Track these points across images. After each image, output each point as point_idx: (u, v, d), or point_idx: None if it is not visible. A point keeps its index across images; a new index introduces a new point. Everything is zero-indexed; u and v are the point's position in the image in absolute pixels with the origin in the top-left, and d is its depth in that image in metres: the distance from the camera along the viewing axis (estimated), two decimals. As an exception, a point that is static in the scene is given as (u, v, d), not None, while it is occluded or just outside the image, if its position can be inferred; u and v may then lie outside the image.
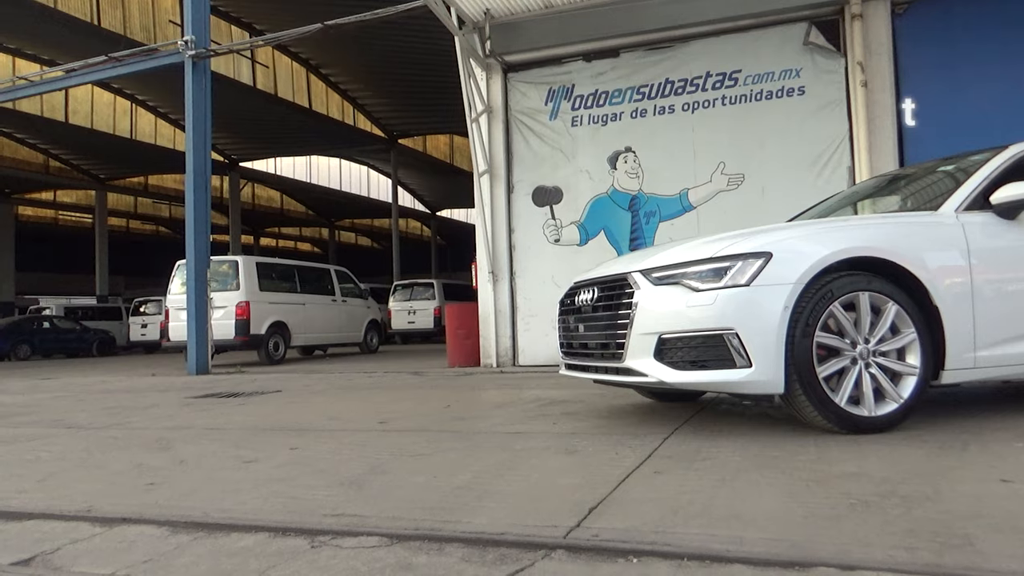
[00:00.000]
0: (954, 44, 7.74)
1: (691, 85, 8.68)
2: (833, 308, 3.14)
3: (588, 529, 2.00)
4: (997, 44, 7.57)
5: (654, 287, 3.40)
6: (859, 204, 4.89)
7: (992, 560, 1.65)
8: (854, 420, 3.15)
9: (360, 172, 34.58)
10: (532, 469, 2.87)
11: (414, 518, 2.20)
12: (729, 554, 1.76)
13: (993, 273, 3.39)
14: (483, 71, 9.34)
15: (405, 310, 19.48)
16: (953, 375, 3.30)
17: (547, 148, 9.24)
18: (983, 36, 7.63)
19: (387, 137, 28.29)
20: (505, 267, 9.25)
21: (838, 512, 2.05)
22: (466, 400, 5.65)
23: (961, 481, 2.36)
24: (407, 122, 27.59)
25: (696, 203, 8.60)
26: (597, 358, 3.77)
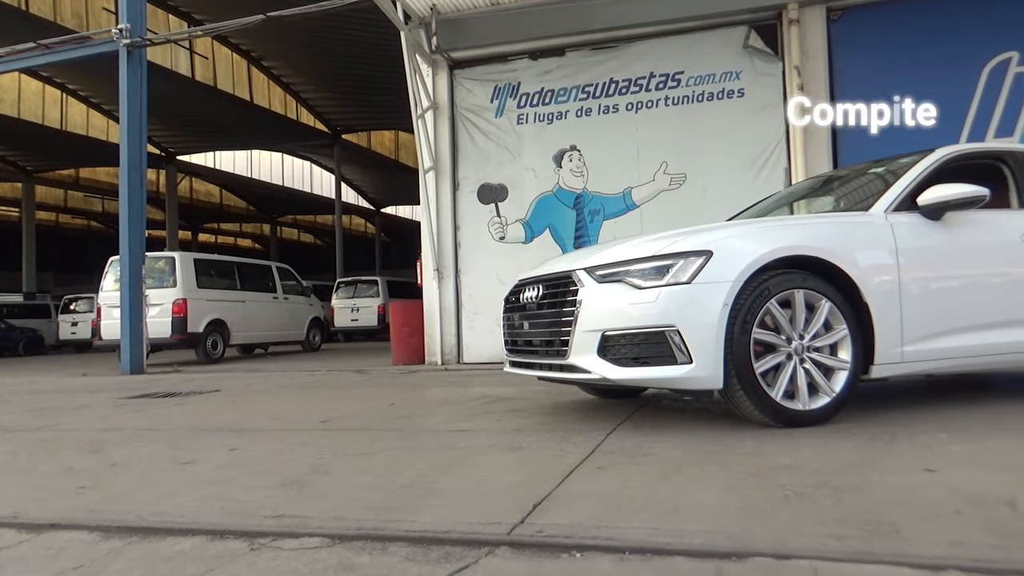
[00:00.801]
0: (886, 51, 8.03)
1: (635, 85, 8.79)
2: (770, 305, 3.23)
3: (532, 525, 2.01)
4: (926, 52, 7.88)
5: (598, 285, 3.43)
6: (795, 204, 5.03)
7: (917, 546, 1.72)
8: (789, 414, 3.25)
9: (303, 167, 33.96)
10: (477, 467, 2.87)
11: (357, 518, 2.17)
12: (670, 547, 1.79)
13: (919, 272, 3.54)
14: (429, 67, 9.28)
15: (348, 308, 19.23)
16: (882, 369, 3.43)
17: (493, 145, 9.24)
18: (914, 44, 7.93)
19: (331, 132, 27.85)
20: (450, 264, 9.22)
21: (773, 504, 2.11)
22: (410, 398, 5.62)
23: (889, 471, 2.46)
24: (351, 117, 27.21)
25: (639, 202, 8.72)
26: (542, 355, 3.79)
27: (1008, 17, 7.66)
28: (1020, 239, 3.83)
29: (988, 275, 3.81)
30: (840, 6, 8.13)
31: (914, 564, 1.61)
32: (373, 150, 30.72)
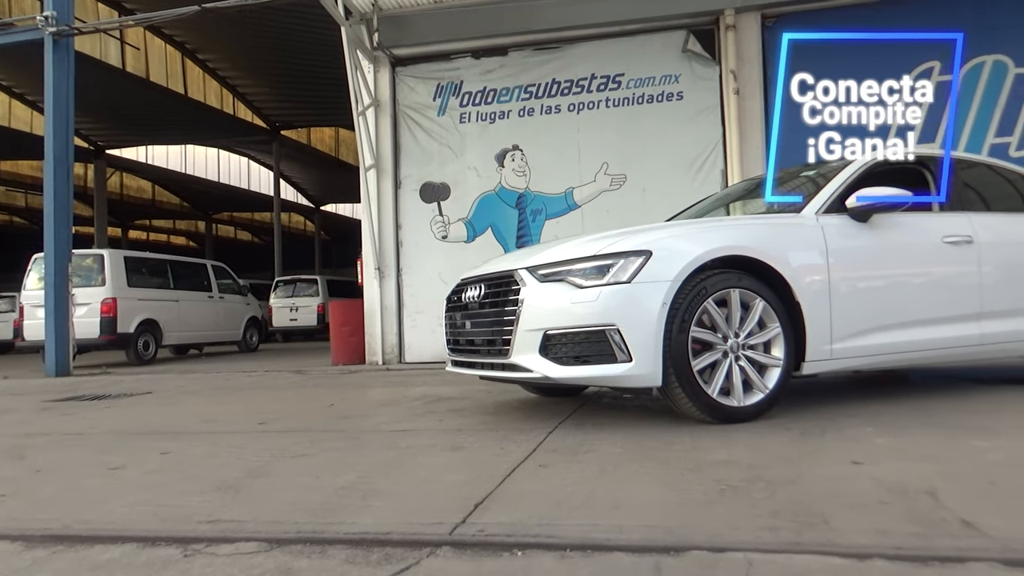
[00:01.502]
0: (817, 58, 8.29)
1: (577, 86, 8.87)
2: (707, 304, 3.30)
3: (474, 525, 2.01)
4: (855, 61, 8.16)
5: (540, 284, 3.45)
6: (731, 205, 5.16)
7: (845, 536, 1.78)
8: (725, 410, 3.32)
9: (240, 163, 33.10)
10: (418, 467, 2.85)
11: (296, 521, 2.13)
12: (610, 542, 1.81)
13: (847, 271, 3.67)
14: (371, 64, 9.17)
15: (287, 307, 18.86)
16: (812, 366, 3.55)
17: (435, 144, 9.19)
18: (843, 52, 8.21)
19: (269, 128, 27.21)
20: (392, 263, 9.14)
21: (710, 498, 2.16)
22: (351, 398, 5.55)
23: (819, 464, 2.54)
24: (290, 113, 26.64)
25: (581, 202, 8.80)
26: (484, 354, 3.79)
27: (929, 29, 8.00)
28: (940, 241, 4.02)
29: (911, 275, 3.97)
30: (774, 13, 8.37)
31: (842, 553, 1.67)
32: (313, 147, 30.14)
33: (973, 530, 1.78)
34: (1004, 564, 1.57)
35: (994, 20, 7.89)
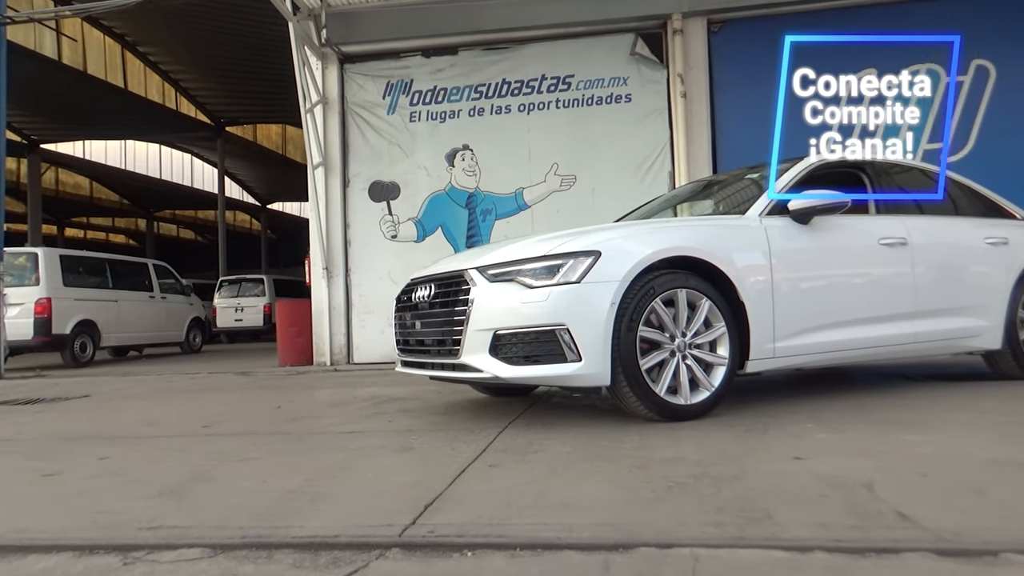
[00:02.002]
0: (761, 63, 8.47)
1: (527, 87, 8.91)
2: (655, 304, 3.35)
3: (424, 526, 2.00)
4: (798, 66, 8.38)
5: (490, 284, 3.45)
6: (678, 207, 5.24)
7: (788, 530, 1.83)
8: (672, 409, 3.38)
9: (183, 160, 32.20)
10: (367, 468, 2.82)
11: (241, 526, 2.09)
12: (559, 541, 1.83)
13: (789, 272, 3.77)
14: (319, 60, 9.05)
15: (232, 307, 18.45)
16: (756, 364, 3.63)
17: (385, 143, 9.12)
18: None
19: (213, 124, 26.56)
20: (340, 263, 9.03)
21: (658, 495, 2.19)
22: (298, 400, 5.46)
23: (763, 461, 2.61)
24: (236, 109, 26.05)
25: (531, 202, 8.84)
26: (434, 355, 3.78)
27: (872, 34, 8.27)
28: (877, 243, 4.16)
29: (849, 276, 4.11)
30: (720, 19, 8.54)
31: (784, 547, 1.71)
32: (259, 144, 29.55)
33: (907, 521, 1.85)
34: (937, 554, 1.63)
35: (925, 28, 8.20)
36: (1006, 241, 4.73)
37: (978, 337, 4.55)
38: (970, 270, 4.60)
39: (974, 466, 2.43)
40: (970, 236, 4.68)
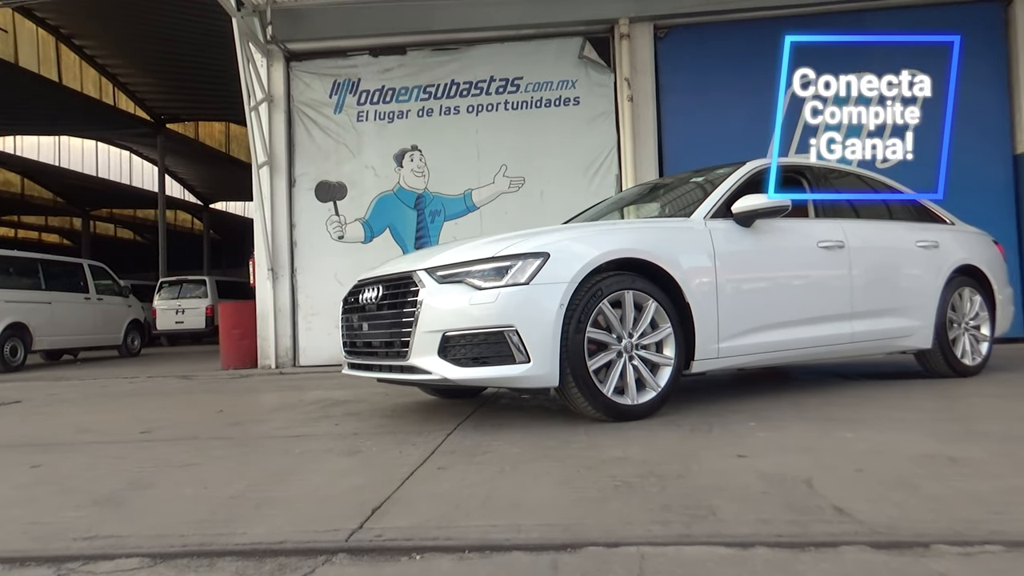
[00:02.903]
0: (705, 68, 8.68)
1: (476, 88, 8.91)
2: (602, 305, 3.38)
3: (371, 530, 1.98)
4: (740, 72, 8.59)
5: (439, 285, 3.44)
6: (625, 209, 5.31)
7: (731, 526, 1.87)
8: (619, 409, 3.42)
9: (121, 157, 31.16)
10: (313, 473, 2.78)
11: (182, 534, 2.03)
12: (508, 542, 1.83)
13: (733, 274, 3.85)
14: (264, 57, 8.88)
15: (173, 309, 17.95)
16: (701, 364, 3.70)
17: (331, 142, 9.00)
18: (728, 64, 8.62)
19: (153, 120, 25.77)
20: (286, 264, 8.88)
21: (605, 495, 2.21)
22: (242, 404, 5.35)
23: (707, 459, 2.66)
24: (177, 106, 25.33)
25: (480, 203, 8.84)
26: (381, 357, 3.74)
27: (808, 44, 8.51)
28: (815, 245, 4.28)
29: (790, 277, 4.22)
30: (666, 24, 8.69)
31: (728, 543, 1.75)
32: (202, 142, 28.80)
33: (844, 516, 1.91)
34: (872, 547, 1.69)
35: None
36: (936, 244, 4.93)
37: (910, 337, 4.73)
38: (903, 272, 4.77)
39: (906, 461, 2.53)
40: (903, 240, 4.86)
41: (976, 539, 1.70)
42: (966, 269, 5.06)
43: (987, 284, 5.19)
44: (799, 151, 8.38)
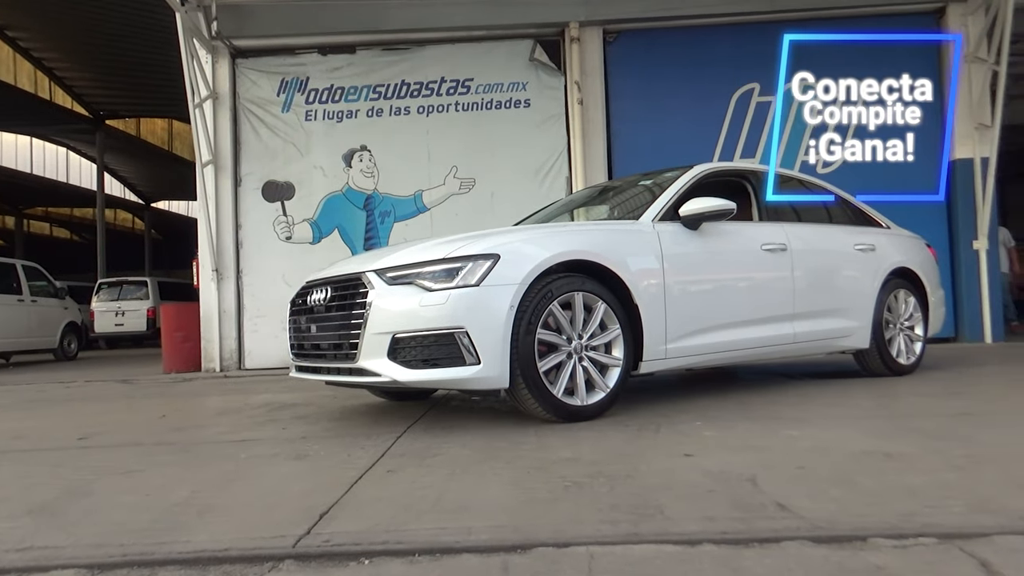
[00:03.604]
0: (654, 73, 8.81)
1: (426, 89, 8.87)
2: (553, 307, 3.40)
3: (319, 535, 1.95)
4: (686, 78, 8.76)
5: (388, 287, 3.41)
6: (575, 211, 5.35)
7: (679, 524, 1.90)
8: (569, 409, 3.44)
9: (58, 154, 30.04)
10: (260, 478, 2.73)
11: (122, 543, 1.97)
12: (458, 545, 1.82)
13: (680, 276, 3.91)
14: (208, 54, 8.69)
15: (112, 311, 17.39)
16: (649, 365, 3.75)
17: (279, 141, 8.85)
18: (676, 70, 8.77)
19: (92, 117, 24.93)
20: (231, 265, 8.70)
21: (555, 495, 2.23)
22: (185, 409, 5.22)
23: (655, 459, 2.70)
24: (118, 102, 24.54)
25: (430, 204, 8.80)
26: (330, 359, 3.70)
27: (751, 52, 8.73)
28: (759, 248, 4.39)
29: (735, 279, 4.31)
30: (615, 29, 8.79)
31: (675, 541, 1.78)
32: (143, 139, 28.01)
33: (787, 512, 1.96)
34: (812, 541, 1.74)
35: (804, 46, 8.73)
36: (873, 248, 5.10)
37: (849, 337, 4.89)
38: (842, 275, 4.92)
39: (845, 457, 2.61)
40: (842, 243, 5.02)
41: (910, 532, 1.76)
42: (901, 272, 5.25)
43: (920, 286, 5.40)
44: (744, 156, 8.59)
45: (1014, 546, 1.66)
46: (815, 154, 6.89)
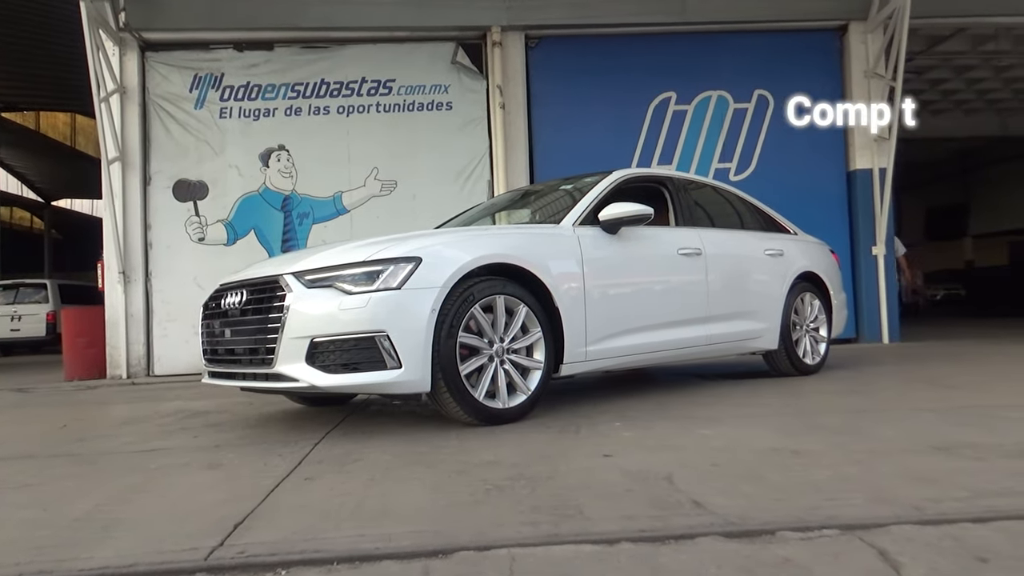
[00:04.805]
0: (575, 80, 8.95)
1: (347, 89, 8.73)
2: (474, 310, 3.40)
3: (233, 547, 1.89)
4: (606, 85, 8.94)
5: (307, 290, 3.34)
6: (497, 215, 5.38)
7: (598, 524, 1.94)
8: (491, 412, 3.45)
9: (-55, 148, 28.14)
10: (169, 489, 2.62)
11: (17, 562, 1.85)
12: (378, 552, 1.80)
13: (599, 279, 3.98)
14: (116, 46, 8.29)
15: (7, 316, 16.36)
16: (570, 368, 3.81)
17: (192, 139, 8.54)
18: (596, 77, 8.94)
19: (-15, 109, 23.46)
20: (140, 267, 8.33)
21: (476, 498, 2.23)
22: (88, 418, 4.97)
23: (575, 459, 2.74)
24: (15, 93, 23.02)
25: (350, 206, 8.67)
26: (245, 364, 3.59)
27: (667, 62, 9.00)
28: (676, 253, 4.51)
29: (653, 283, 4.42)
30: (536, 35, 8.88)
31: (594, 540, 1.81)
32: (43, 134, 26.48)
33: (701, 509, 2.02)
34: (725, 536, 1.80)
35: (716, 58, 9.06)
36: (782, 253, 5.33)
37: (759, 338, 5.09)
38: (753, 278, 5.12)
39: (755, 455, 2.71)
40: (753, 248, 5.22)
41: (815, 524, 1.85)
42: (807, 276, 5.51)
43: (825, 290, 5.67)
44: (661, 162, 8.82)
45: (909, 535, 1.76)
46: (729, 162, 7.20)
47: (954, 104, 14.86)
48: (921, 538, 1.74)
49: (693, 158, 8.98)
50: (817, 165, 9.09)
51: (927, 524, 1.83)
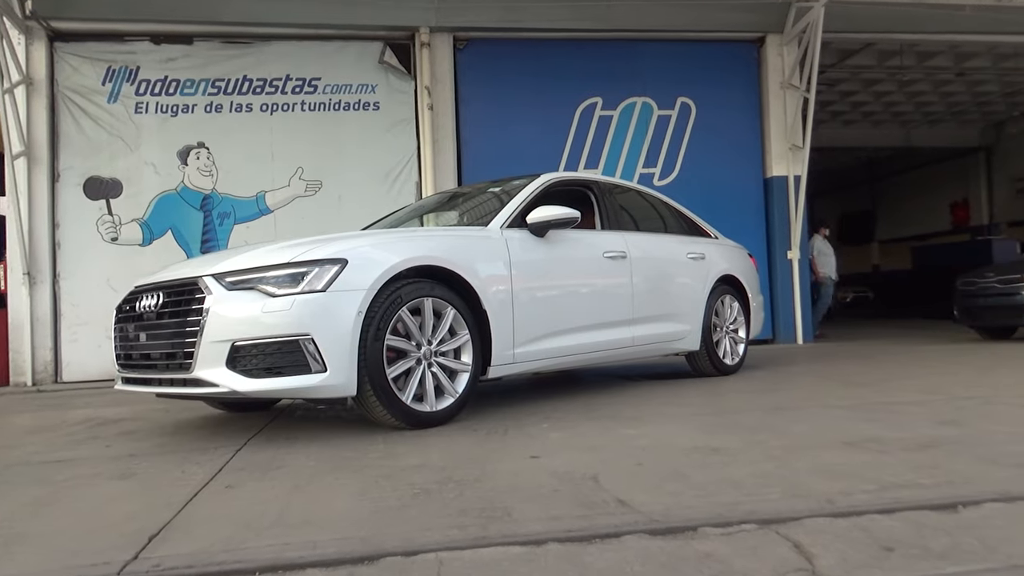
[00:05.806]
0: (503, 82, 9.00)
1: (270, 86, 8.53)
2: (402, 313, 3.37)
3: (148, 560, 1.81)
4: (534, 89, 9.02)
5: (228, 292, 3.24)
6: (425, 217, 5.35)
7: (525, 525, 1.95)
8: (419, 416, 3.43)
9: None
10: (79, 501, 2.49)
11: (-94, 583, 1.74)
12: (303, 560, 1.76)
13: (527, 282, 4.01)
14: (21, 34, 7.87)
15: (-103, 319, 15.29)
16: (497, 370, 3.82)
17: (104, 134, 8.17)
18: (524, 81, 9.01)
19: None
20: (47, 267, 7.91)
21: (404, 503, 2.21)
22: (-11, 427, 4.68)
23: (503, 461, 2.74)
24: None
25: (273, 206, 8.47)
26: (161, 370, 3.45)
27: (594, 68, 9.15)
28: (602, 256, 4.59)
29: (579, 285, 4.48)
30: (464, 37, 8.89)
31: (521, 542, 1.82)
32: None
33: (626, 507, 2.06)
34: (649, 534, 1.84)
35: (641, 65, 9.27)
36: (703, 256, 5.48)
37: (682, 340, 5.22)
38: (676, 281, 5.25)
39: (678, 453, 2.78)
40: (676, 251, 5.36)
41: (735, 520, 1.91)
42: (727, 279, 5.69)
43: (743, 292, 5.87)
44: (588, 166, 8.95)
45: (821, 527, 1.84)
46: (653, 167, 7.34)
47: (863, 115, 15.66)
48: (832, 530, 1.82)
49: (619, 162, 9.16)
50: (737, 172, 9.41)
51: (838, 516, 1.92)
